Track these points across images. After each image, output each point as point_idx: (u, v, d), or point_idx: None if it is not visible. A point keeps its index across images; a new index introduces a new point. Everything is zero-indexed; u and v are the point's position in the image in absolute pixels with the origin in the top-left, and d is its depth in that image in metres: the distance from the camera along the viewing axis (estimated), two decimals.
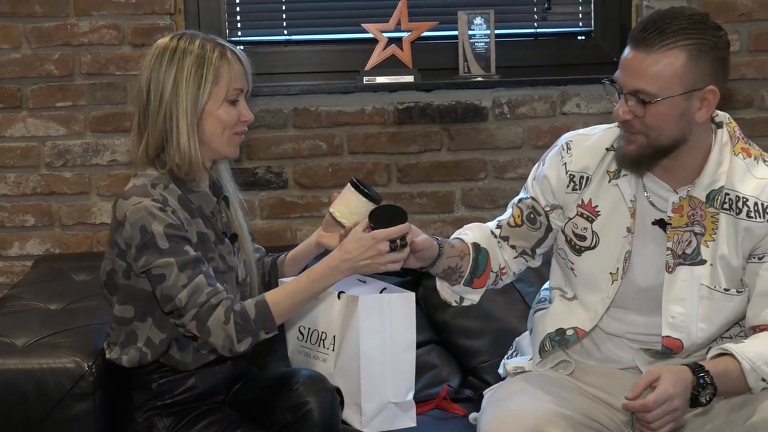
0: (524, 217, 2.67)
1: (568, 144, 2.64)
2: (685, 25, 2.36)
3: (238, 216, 2.74)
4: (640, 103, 2.38)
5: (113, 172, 3.66)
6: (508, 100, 3.74)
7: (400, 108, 3.72)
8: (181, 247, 2.49)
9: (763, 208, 2.45)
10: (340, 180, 3.71)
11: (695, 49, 2.35)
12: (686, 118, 2.40)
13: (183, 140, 2.55)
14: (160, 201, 2.51)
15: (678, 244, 2.49)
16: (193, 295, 2.46)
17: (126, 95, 3.63)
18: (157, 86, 2.55)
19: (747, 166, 2.48)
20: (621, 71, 2.42)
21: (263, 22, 3.82)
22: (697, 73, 2.37)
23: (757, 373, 2.38)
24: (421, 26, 3.74)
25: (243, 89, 2.61)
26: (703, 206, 2.48)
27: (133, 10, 3.61)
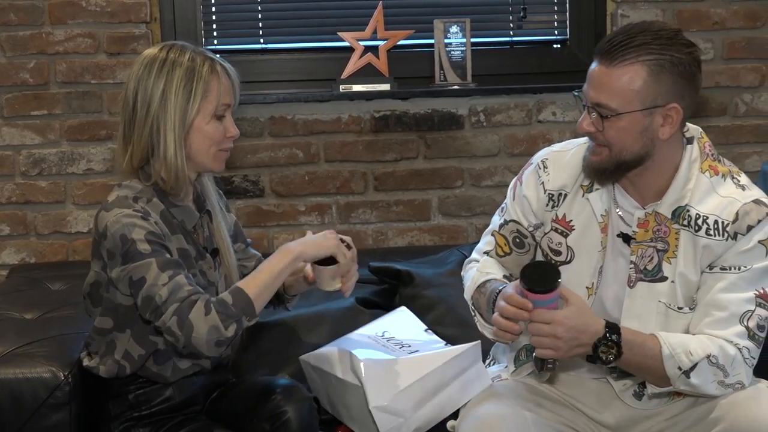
0: (511, 243, 2.65)
1: (544, 162, 2.62)
2: (650, 40, 2.35)
3: (221, 229, 2.70)
4: (601, 116, 2.38)
5: (89, 181, 3.64)
6: (485, 108, 3.74)
7: (376, 116, 3.72)
8: (162, 251, 2.47)
9: (722, 226, 2.42)
10: (317, 188, 3.71)
11: (656, 65, 2.34)
12: (648, 135, 2.39)
13: (170, 154, 2.52)
14: (142, 212, 2.49)
15: (641, 258, 2.49)
16: (173, 292, 2.41)
17: (102, 104, 3.61)
18: (145, 97, 2.52)
19: (712, 184, 2.46)
20: (586, 83, 2.42)
21: (239, 30, 3.81)
22: (658, 90, 2.35)
23: (675, 360, 2.36)
24: (397, 35, 3.74)
25: (230, 104, 2.59)
26: (668, 223, 2.47)
27: (109, 18, 3.59)
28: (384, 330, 2.90)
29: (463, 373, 2.65)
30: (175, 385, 2.61)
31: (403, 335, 2.87)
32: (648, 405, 2.55)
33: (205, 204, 2.68)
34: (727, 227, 2.41)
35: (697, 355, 2.36)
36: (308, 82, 3.78)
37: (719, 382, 2.39)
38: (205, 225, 2.67)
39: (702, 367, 2.37)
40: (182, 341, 2.41)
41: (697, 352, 2.37)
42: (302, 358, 2.88)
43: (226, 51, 3.77)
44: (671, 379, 2.38)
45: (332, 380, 2.74)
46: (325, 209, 3.73)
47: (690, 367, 2.37)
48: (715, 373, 2.38)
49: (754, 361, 2.42)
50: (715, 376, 2.38)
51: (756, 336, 2.41)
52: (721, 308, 2.41)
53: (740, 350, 2.38)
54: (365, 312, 3.18)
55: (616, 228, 2.53)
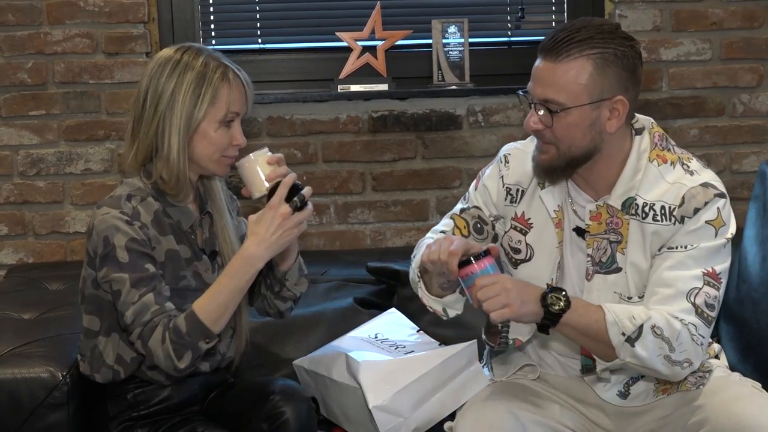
0: (471, 227, 2.69)
1: (506, 157, 2.68)
2: (592, 34, 2.37)
3: (226, 232, 2.69)
4: (549, 112, 2.40)
5: (87, 181, 3.64)
6: (483, 108, 3.75)
7: (374, 116, 3.73)
8: (140, 263, 2.48)
9: (669, 211, 2.44)
10: (315, 188, 3.68)
11: (601, 58, 2.37)
12: (596, 129, 2.41)
13: (173, 155, 2.53)
14: (129, 214, 2.50)
15: (597, 251, 2.52)
16: (138, 315, 2.46)
17: (100, 104, 3.61)
18: (155, 96, 2.53)
19: (660, 173, 2.48)
20: (532, 80, 2.44)
21: (237, 30, 3.81)
22: (603, 83, 2.38)
23: (619, 326, 2.36)
24: (395, 35, 3.75)
25: (240, 113, 2.58)
26: (619, 214, 2.49)
27: (107, 18, 3.59)
28: (377, 332, 2.90)
29: (460, 373, 2.65)
30: (174, 385, 2.62)
31: (396, 336, 2.88)
32: (634, 402, 2.57)
33: (206, 205, 2.68)
34: (673, 211, 2.44)
35: (639, 318, 2.36)
36: (306, 82, 3.78)
37: (665, 357, 2.39)
38: (206, 226, 2.67)
39: (647, 338, 2.36)
40: (147, 360, 2.50)
41: (640, 316, 2.37)
42: (296, 363, 2.88)
43: (224, 51, 3.71)
44: (616, 348, 2.38)
45: (328, 383, 2.74)
46: (323, 209, 3.73)
47: (634, 333, 2.36)
48: (661, 346, 2.37)
49: (703, 340, 2.42)
50: (660, 349, 2.38)
51: (704, 314, 2.41)
52: (667, 285, 2.42)
53: (686, 326, 2.38)
54: (363, 312, 3.19)
55: (572, 223, 2.55)
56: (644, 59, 3.71)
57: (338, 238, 3.75)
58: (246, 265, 2.48)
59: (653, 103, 3.79)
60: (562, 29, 2.40)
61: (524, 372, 2.68)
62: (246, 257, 2.48)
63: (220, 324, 2.49)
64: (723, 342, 3.04)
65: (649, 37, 3.77)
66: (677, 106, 3.81)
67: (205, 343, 2.47)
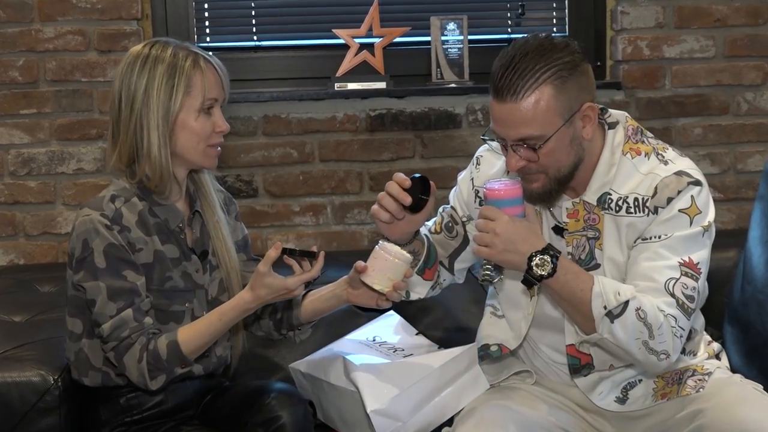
0: (443, 224, 2.73)
1: (478, 159, 2.70)
2: (537, 58, 2.35)
3: (219, 231, 2.69)
4: (530, 148, 2.39)
5: (79, 181, 3.63)
6: (482, 106, 3.74)
7: (372, 115, 3.72)
8: (118, 270, 2.48)
9: (642, 202, 2.44)
10: (312, 188, 3.70)
11: (557, 77, 2.35)
12: (576, 141, 2.42)
13: (154, 151, 2.52)
14: (110, 217, 2.50)
15: (576, 249, 2.52)
16: (116, 329, 2.47)
17: (92, 102, 3.60)
18: (128, 95, 2.53)
19: (634, 165, 2.47)
20: (498, 125, 2.41)
21: (233, 27, 3.80)
22: (569, 99, 2.37)
23: (603, 299, 2.36)
24: (393, 32, 3.74)
25: (218, 99, 2.58)
26: (596, 210, 2.49)
27: (99, 15, 3.58)
28: (375, 335, 2.90)
29: (460, 376, 2.65)
30: (168, 390, 2.61)
31: (395, 339, 2.87)
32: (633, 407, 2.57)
33: (196, 204, 2.67)
34: (647, 203, 2.44)
35: (625, 295, 2.36)
36: (302, 80, 3.78)
37: (643, 343, 2.37)
38: (196, 225, 2.66)
39: (628, 318, 2.35)
40: (119, 372, 2.53)
41: (626, 293, 2.36)
42: (292, 366, 2.88)
43: (219, 48, 3.77)
44: (596, 320, 2.37)
45: (325, 387, 2.73)
46: (319, 210, 3.73)
47: (616, 309, 2.35)
48: (641, 330, 2.36)
49: (683, 332, 2.41)
50: (640, 333, 2.36)
51: (685, 305, 2.40)
52: (645, 277, 2.41)
53: (666, 317, 2.37)
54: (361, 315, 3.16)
55: (550, 222, 2.55)
56: (647, 57, 3.76)
57: (335, 239, 3.75)
58: (239, 315, 2.54)
59: (656, 102, 3.78)
60: (506, 65, 2.37)
61: (521, 377, 2.68)
62: (242, 309, 2.52)
63: (199, 354, 2.55)
64: (727, 345, 3.02)
65: (651, 34, 3.76)
66: (680, 104, 3.80)
67: (180, 368, 2.51)
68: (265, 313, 2.75)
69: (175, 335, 2.50)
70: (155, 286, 2.54)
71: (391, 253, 2.51)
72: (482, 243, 2.38)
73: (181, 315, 2.59)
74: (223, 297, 2.66)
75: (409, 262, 2.53)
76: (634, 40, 3.77)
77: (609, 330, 2.37)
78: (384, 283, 2.53)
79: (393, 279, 2.53)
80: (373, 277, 2.53)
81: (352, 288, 2.65)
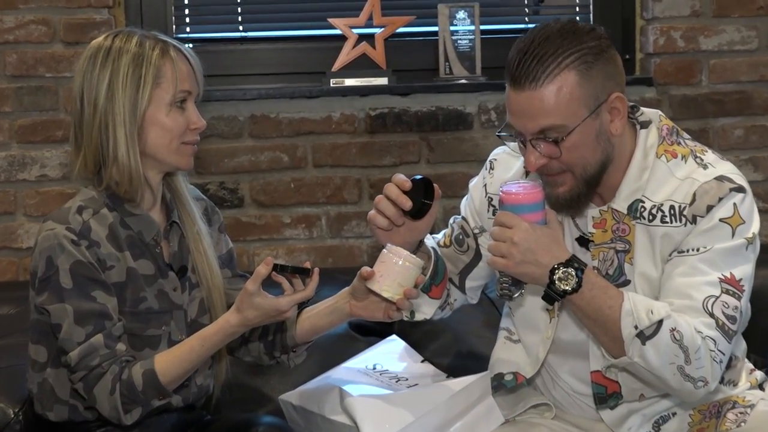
0: (453, 237, 2.72)
1: (492, 162, 2.70)
2: (560, 41, 2.36)
3: (199, 244, 2.68)
4: (552, 142, 2.38)
5: (43, 189, 3.63)
6: (496, 105, 3.74)
7: (372, 114, 3.72)
8: (86, 291, 2.48)
9: (679, 211, 2.43)
10: (304, 197, 3.70)
11: (581, 63, 2.36)
12: (604, 136, 2.41)
13: (121, 152, 2.52)
14: (77, 231, 2.49)
15: (603, 263, 2.51)
16: (85, 357, 2.46)
17: (58, 100, 3.61)
18: (91, 92, 2.53)
19: (670, 169, 2.47)
20: (515, 117, 2.41)
21: (216, 17, 3.82)
22: (595, 87, 2.37)
23: (634, 317, 2.34)
24: (396, 21, 3.75)
25: (191, 92, 2.59)
26: (626, 219, 2.48)
27: (66, 2, 3.59)
28: (375, 362, 2.89)
29: (471, 409, 2.65)
30: (143, 424, 2.59)
31: (398, 367, 2.87)
32: None
33: (173, 214, 2.67)
34: (684, 211, 2.43)
35: (658, 314, 2.34)
36: (294, 76, 3.79)
37: (679, 368, 2.35)
38: (174, 238, 2.66)
39: (662, 340, 2.33)
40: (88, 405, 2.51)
41: (660, 312, 2.34)
42: (282, 398, 2.87)
43: (200, 40, 3.78)
44: (625, 342, 2.35)
45: (319, 421, 2.73)
46: (313, 221, 3.73)
47: (648, 329, 2.33)
48: (677, 354, 2.34)
49: (722, 357, 2.39)
50: (675, 357, 2.34)
51: (725, 327, 2.38)
52: (681, 295, 2.39)
53: (705, 340, 2.35)
54: (360, 339, 3.18)
55: (574, 233, 2.55)
56: (681, 49, 3.76)
57: (330, 255, 3.75)
58: (223, 340, 2.53)
59: (691, 99, 3.79)
60: (524, 50, 2.37)
61: (539, 411, 2.67)
62: (228, 334, 2.51)
63: (179, 383, 2.54)
64: None
65: (686, 23, 3.77)
66: (719, 102, 3.81)
67: (158, 400, 2.50)
68: (255, 335, 2.74)
69: (151, 363, 2.49)
70: (128, 308, 2.54)
71: (401, 256, 2.50)
72: (498, 253, 2.37)
73: (157, 340, 2.58)
74: (204, 319, 2.66)
75: (420, 266, 2.51)
76: (667, 30, 3.78)
77: (640, 353, 2.35)
78: (394, 289, 2.50)
79: (404, 285, 2.50)
80: (381, 283, 2.50)
81: (355, 299, 2.62)
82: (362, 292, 2.58)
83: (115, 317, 2.50)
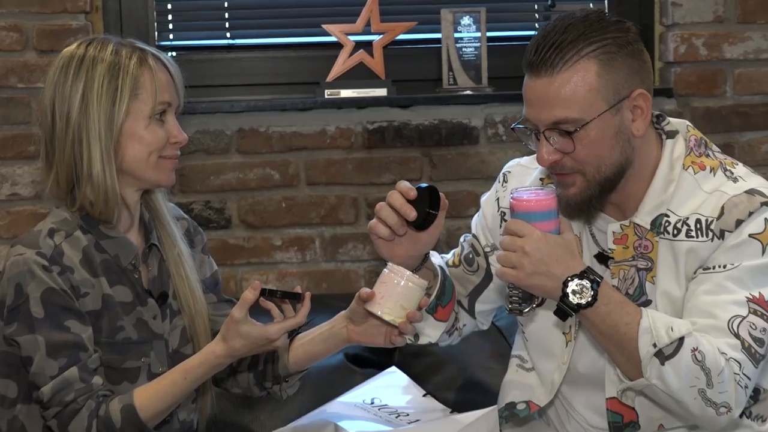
0: (462, 256, 2.73)
1: (505, 175, 2.72)
2: (582, 29, 2.37)
3: (182, 266, 2.68)
4: (565, 135, 2.38)
5: (14, 209, 3.63)
6: (504, 118, 3.74)
7: (370, 128, 3.72)
8: (59, 321, 2.46)
9: (706, 225, 2.42)
10: (297, 218, 3.69)
11: (603, 53, 2.37)
12: (623, 136, 2.41)
13: (96, 169, 2.51)
14: (49, 256, 2.48)
15: (623, 281, 2.50)
16: (59, 392, 2.45)
17: (31, 113, 3.61)
18: (63, 105, 2.52)
19: (697, 181, 2.47)
20: (530, 106, 2.42)
21: (201, 23, 3.83)
22: (616, 80, 2.38)
23: (653, 335, 2.32)
24: (395, 28, 3.75)
25: (171, 103, 2.58)
26: (649, 235, 2.48)
27: (40, 8, 3.59)
28: (373, 396, 2.88)
29: None
30: None
31: (398, 402, 2.86)
32: None
33: (152, 235, 2.66)
34: (711, 225, 2.42)
35: (679, 331, 2.33)
36: (286, 86, 3.79)
37: (700, 392, 2.34)
38: (153, 262, 2.65)
39: (682, 360, 2.31)
40: None
41: (680, 329, 2.33)
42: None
43: (185, 48, 3.78)
44: (642, 361, 2.33)
45: None
46: (306, 244, 3.73)
47: (668, 348, 2.32)
48: (698, 376, 2.32)
49: (748, 381, 2.38)
50: (696, 380, 2.33)
51: (752, 349, 2.37)
52: (705, 314, 2.38)
53: (729, 362, 2.34)
54: (356, 372, 3.18)
55: (592, 249, 2.55)
56: (703, 57, 3.76)
57: (325, 279, 3.75)
58: (208, 372, 2.52)
59: (715, 112, 3.79)
60: (545, 36, 2.39)
61: None
62: (213, 366, 2.50)
63: (160, 419, 2.53)
64: None
65: (709, 30, 3.78)
66: (745, 115, 3.81)
67: None
68: (244, 364, 2.74)
69: (130, 398, 2.48)
70: (104, 339, 2.53)
71: (404, 275, 2.48)
72: (508, 264, 2.36)
73: (136, 372, 2.57)
74: (187, 349, 2.65)
75: (424, 287, 2.50)
76: (689, 37, 3.79)
77: (658, 374, 2.34)
78: (396, 312, 2.49)
79: (407, 308, 2.49)
80: (382, 305, 2.49)
81: (353, 324, 2.62)
82: (361, 315, 2.57)
83: (91, 348, 2.49)
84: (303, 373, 2.74)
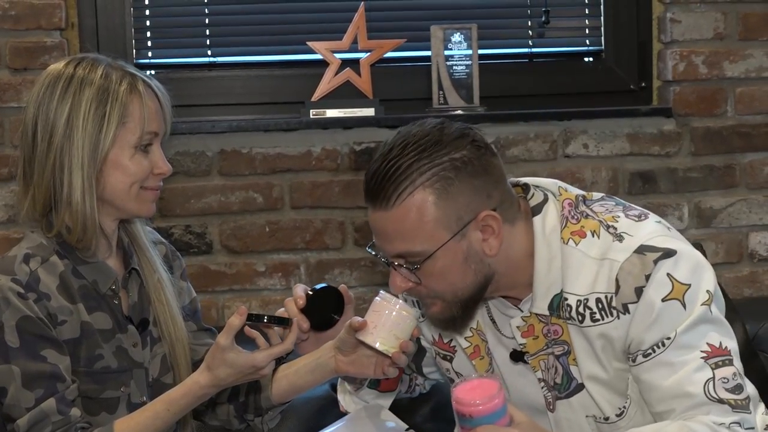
0: None
1: None
2: (416, 155, 2.33)
3: (162, 291, 2.67)
4: (411, 266, 2.37)
5: None
6: (497, 138, 3.75)
7: (357, 149, 3.74)
8: (35, 350, 2.46)
9: (607, 303, 2.38)
10: (281, 242, 3.70)
11: (439, 179, 2.32)
12: (475, 258, 2.38)
13: (76, 197, 2.50)
14: (24, 282, 2.48)
15: (547, 372, 2.49)
16: (35, 425, 2.44)
17: (3, 133, 3.61)
18: (46, 125, 2.51)
19: (582, 252, 2.41)
20: (374, 236, 2.42)
21: (181, 40, 3.83)
22: (457, 206, 2.34)
23: None
24: (384, 45, 3.76)
25: (158, 133, 2.58)
26: (553, 320, 2.45)
27: (13, 24, 3.60)
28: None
29: None
30: None
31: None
32: None
33: (131, 260, 2.66)
34: (611, 302, 2.38)
35: None
36: (269, 106, 3.81)
37: None
38: (133, 288, 2.66)
39: None
40: None
41: None
42: None
43: (164, 66, 3.78)
44: None
45: None
46: (290, 269, 3.73)
47: None
48: None
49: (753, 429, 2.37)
50: None
51: (738, 402, 2.35)
52: (678, 397, 2.35)
53: (730, 428, 2.33)
54: None
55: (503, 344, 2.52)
56: (703, 76, 3.77)
57: None
58: (192, 403, 2.51)
59: (715, 132, 3.80)
60: (378, 162, 2.36)
61: None
62: (197, 396, 2.50)
63: None
64: None
65: (709, 47, 3.80)
66: (746, 135, 3.83)
67: None
68: (224, 396, 2.74)
69: (110, 430, 2.48)
70: (83, 368, 2.53)
71: (396, 304, 2.49)
72: None
73: (115, 402, 2.57)
74: (167, 378, 2.65)
75: (417, 316, 2.51)
76: (688, 54, 3.81)
77: None
78: (390, 342, 2.49)
79: (400, 337, 2.49)
80: (375, 335, 2.49)
81: (342, 354, 2.60)
82: (350, 345, 2.56)
83: (69, 378, 2.49)
84: (285, 405, 2.74)
